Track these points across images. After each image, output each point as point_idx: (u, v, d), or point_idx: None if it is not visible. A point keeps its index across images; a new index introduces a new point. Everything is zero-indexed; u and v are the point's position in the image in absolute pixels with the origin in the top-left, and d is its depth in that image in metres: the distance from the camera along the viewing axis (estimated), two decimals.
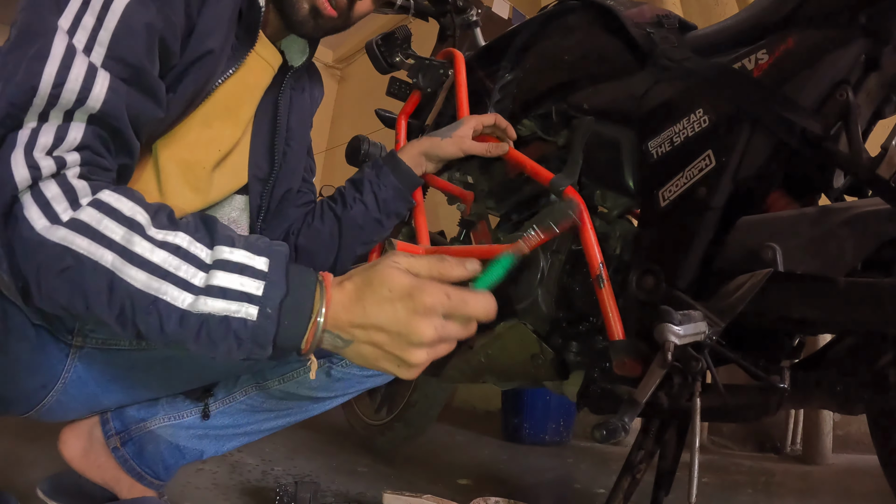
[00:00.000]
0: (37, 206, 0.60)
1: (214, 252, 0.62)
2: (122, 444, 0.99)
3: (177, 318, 0.60)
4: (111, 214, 0.61)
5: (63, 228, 0.59)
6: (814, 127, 0.87)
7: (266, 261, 0.63)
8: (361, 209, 1.09)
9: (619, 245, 1.13)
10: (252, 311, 0.60)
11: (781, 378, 0.88)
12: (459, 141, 1.14)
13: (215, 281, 0.60)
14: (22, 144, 0.61)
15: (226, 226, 0.67)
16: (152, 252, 0.60)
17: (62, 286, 0.60)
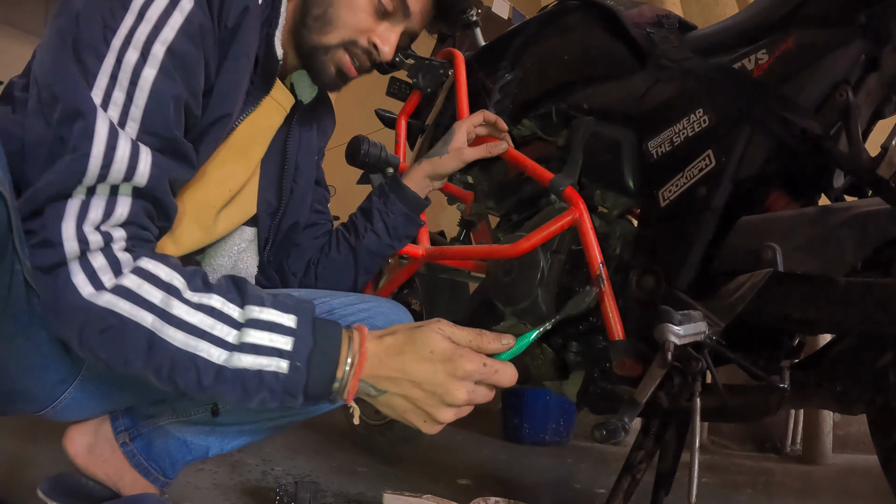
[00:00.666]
0: (84, 274, 0.65)
1: (245, 311, 0.68)
2: (131, 440, 1.00)
3: (213, 373, 0.66)
4: (150, 280, 0.67)
5: (108, 294, 0.65)
6: (814, 127, 0.87)
7: (294, 318, 0.68)
8: (374, 238, 1.13)
9: (619, 245, 1.13)
10: (283, 365, 0.67)
11: (781, 378, 0.88)
12: (458, 153, 1.15)
13: (248, 338, 0.66)
14: (73, 216, 0.66)
15: (255, 286, 0.72)
16: (189, 313, 0.66)
17: (104, 344, 0.66)
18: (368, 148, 1.21)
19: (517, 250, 1.12)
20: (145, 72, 0.70)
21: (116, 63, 0.68)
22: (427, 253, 1.28)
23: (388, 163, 1.24)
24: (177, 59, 0.72)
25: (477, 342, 0.69)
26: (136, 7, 0.70)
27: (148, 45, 0.70)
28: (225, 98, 0.82)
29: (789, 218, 0.89)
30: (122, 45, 0.69)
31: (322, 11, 0.93)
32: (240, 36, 0.81)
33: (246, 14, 0.80)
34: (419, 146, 1.54)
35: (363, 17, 0.94)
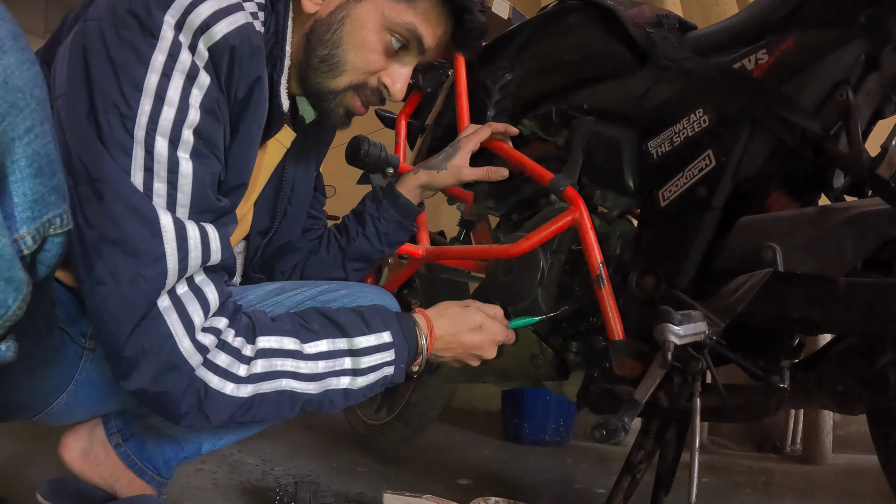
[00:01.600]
0: (217, 375, 0.72)
1: (352, 342, 0.81)
2: (124, 441, 1.00)
3: (342, 395, 0.81)
4: (275, 355, 0.76)
5: (247, 385, 0.74)
6: (814, 127, 0.87)
7: (389, 332, 0.84)
8: (364, 242, 1.14)
9: (619, 245, 1.13)
10: (390, 370, 0.85)
11: (781, 378, 0.88)
12: (457, 172, 1.14)
13: (363, 364, 0.81)
14: (182, 332, 0.69)
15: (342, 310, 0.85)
16: (313, 366, 0.78)
17: (253, 418, 0.76)
18: (368, 148, 1.21)
19: (517, 250, 1.12)
20: (181, 159, 0.69)
21: (147, 155, 0.67)
22: (427, 253, 1.28)
23: (388, 163, 1.24)
24: (204, 139, 0.71)
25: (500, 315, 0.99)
26: (152, 89, 0.67)
27: (177, 132, 0.68)
28: (241, 169, 0.81)
29: (789, 218, 0.89)
30: (147, 134, 0.67)
31: (328, 53, 0.87)
32: (251, 107, 0.78)
33: (258, 84, 0.77)
34: (419, 146, 1.54)
35: (374, 59, 0.88)
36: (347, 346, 0.81)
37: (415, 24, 0.87)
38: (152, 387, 0.69)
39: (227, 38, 0.71)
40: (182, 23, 0.69)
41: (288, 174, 1.02)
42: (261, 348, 0.75)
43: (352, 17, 0.86)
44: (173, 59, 0.68)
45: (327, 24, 0.86)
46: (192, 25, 0.69)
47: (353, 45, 0.87)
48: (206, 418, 0.72)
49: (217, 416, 0.73)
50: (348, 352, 0.81)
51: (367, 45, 0.87)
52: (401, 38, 0.88)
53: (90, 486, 1.01)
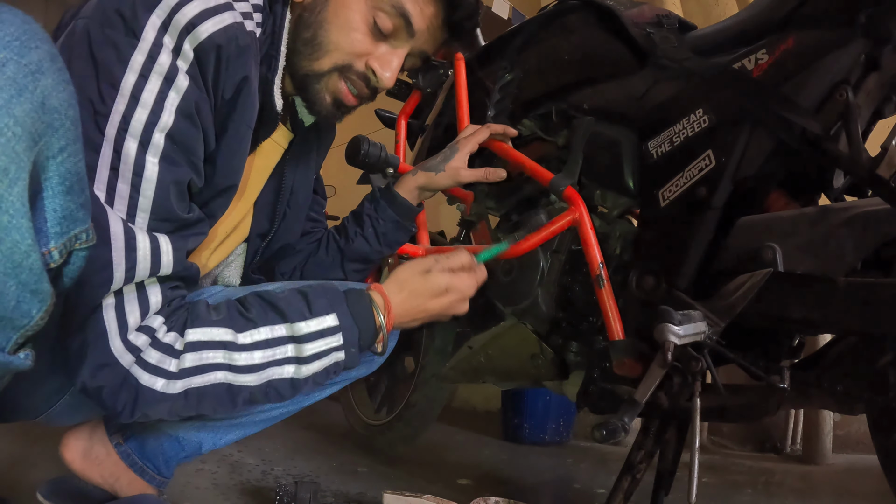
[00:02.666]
0: (148, 373, 0.70)
1: (293, 328, 0.76)
2: (124, 440, 1.00)
3: (288, 385, 0.77)
4: (205, 347, 0.73)
5: (179, 380, 0.71)
6: (813, 127, 0.87)
7: (335, 315, 0.78)
8: (363, 242, 1.13)
9: (619, 245, 1.13)
10: (340, 355, 0.79)
11: (781, 378, 0.88)
12: (455, 173, 1.14)
13: (307, 351, 0.77)
14: (115, 331, 0.68)
15: (280, 293, 0.79)
16: (250, 356, 0.74)
17: (191, 409, 0.73)
18: (368, 148, 1.21)
19: (517, 250, 1.12)
20: (148, 162, 0.68)
21: (115, 154, 0.66)
22: (427, 253, 1.28)
23: (388, 163, 1.24)
24: (177, 143, 0.70)
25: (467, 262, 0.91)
26: (128, 89, 0.67)
27: (147, 134, 0.68)
28: (229, 170, 0.81)
29: (789, 218, 0.89)
30: (118, 133, 0.67)
31: (312, 34, 0.85)
32: (238, 108, 0.77)
33: (245, 83, 0.76)
34: (419, 146, 1.54)
35: (358, 39, 0.85)
36: (288, 333, 0.76)
37: (401, 2, 0.85)
38: (90, 382, 0.69)
39: (212, 38, 0.70)
40: (168, 23, 0.68)
41: (287, 177, 1.02)
42: (189, 341, 0.72)
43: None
44: (152, 60, 0.68)
45: (312, 6, 0.85)
46: (177, 25, 0.69)
47: (336, 25, 0.85)
48: (143, 414, 0.71)
49: (153, 411, 0.71)
50: (290, 338, 0.76)
51: (351, 24, 0.85)
52: (388, 18, 0.85)
53: (91, 486, 1.01)
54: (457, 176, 1.14)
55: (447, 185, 1.16)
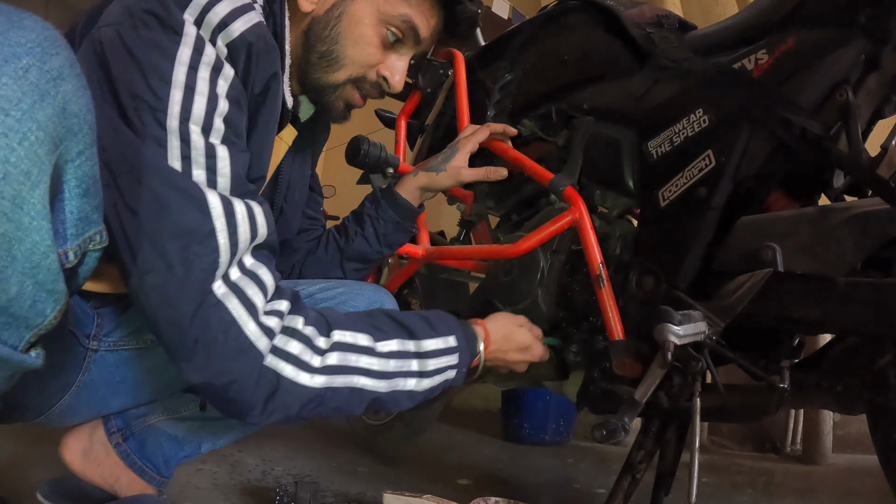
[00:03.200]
0: (289, 364, 0.71)
1: (420, 344, 0.83)
2: (124, 440, 1.00)
3: (407, 396, 0.82)
4: (349, 349, 0.76)
5: (321, 375, 0.73)
6: (813, 127, 0.87)
7: (454, 337, 0.87)
8: (363, 242, 1.14)
9: (619, 245, 1.13)
10: (452, 374, 0.87)
11: (781, 378, 0.88)
12: (456, 173, 1.15)
13: (429, 367, 0.83)
14: (245, 316, 0.68)
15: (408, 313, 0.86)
16: (384, 364, 0.79)
17: (319, 412, 0.75)
18: (368, 148, 1.21)
19: (517, 250, 1.12)
20: (216, 145, 0.69)
21: (183, 144, 0.67)
22: (427, 253, 1.28)
23: (388, 163, 1.24)
24: (232, 128, 0.72)
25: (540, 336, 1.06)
26: (180, 80, 0.68)
27: (209, 119, 0.69)
28: (259, 163, 0.82)
29: (789, 218, 0.89)
30: (181, 123, 0.67)
31: (327, 49, 0.89)
32: (268, 102, 0.80)
33: (274, 79, 0.79)
34: (419, 146, 1.54)
35: (372, 53, 0.90)
36: (415, 349, 0.82)
37: (410, 16, 0.89)
38: (218, 378, 0.67)
39: (244, 36, 0.73)
40: (201, 21, 0.71)
41: (284, 172, 1.03)
42: (336, 341, 0.75)
43: (348, 13, 0.88)
44: (199, 52, 0.70)
45: (325, 21, 0.88)
46: (210, 24, 0.71)
47: (351, 41, 0.89)
48: (273, 411, 0.71)
49: (287, 407, 0.71)
50: (416, 354, 0.82)
51: (365, 39, 0.89)
52: (397, 31, 0.90)
53: (90, 486, 1.00)
54: (458, 175, 1.14)
55: (448, 185, 1.16)
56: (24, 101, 0.45)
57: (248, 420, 0.71)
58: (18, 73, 0.44)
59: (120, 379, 0.90)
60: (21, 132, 0.44)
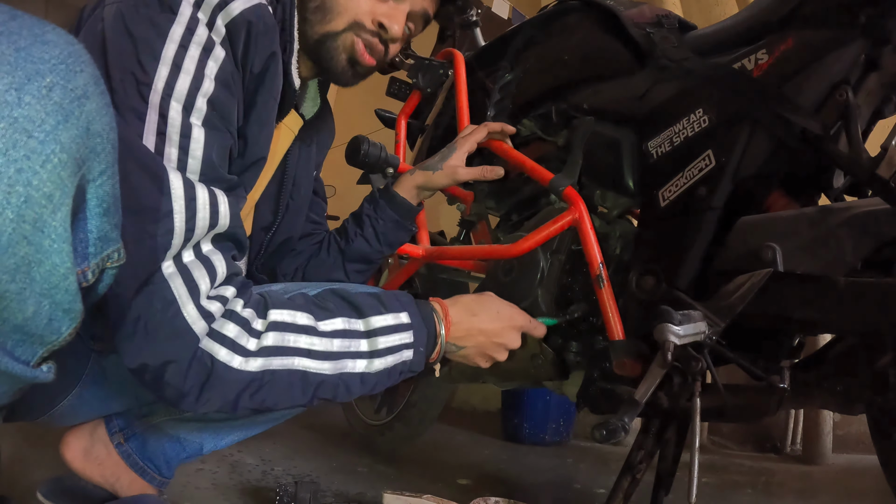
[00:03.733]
0: (224, 347, 0.68)
1: (368, 322, 0.78)
2: (125, 440, 1.00)
3: (358, 380, 0.78)
4: (287, 328, 0.73)
5: (257, 359, 0.70)
6: (813, 127, 0.87)
7: (407, 314, 0.82)
8: (363, 243, 1.14)
9: (619, 245, 1.13)
10: (409, 354, 0.81)
11: (781, 378, 0.88)
12: (452, 172, 1.14)
13: (380, 345, 0.78)
14: (186, 296, 0.66)
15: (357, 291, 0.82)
16: (328, 344, 0.75)
17: (259, 400, 0.71)
18: (368, 148, 1.21)
19: (517, 250, 1.12)
20: (193, 125, 0.69)
21: (161, 119, 0.67)
22: (427, 253, 1.28)
23: (388, 163, 1.24)
24: (217, 110, 0.72)
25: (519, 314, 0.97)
26: (169, 57, 0.68)
27: (191, 98, 0.69)
28: (258, 143, 0.82)
29: (789, 218, 0.89)
30: (163, 99, 0.67)
31: (320, 2, 0.90)
32: (267, 82, 0.80)
33: (273, 59, 0.80)
34: (419, 146, 1.54)
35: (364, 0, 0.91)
36: (364, 327, 0.78)
37: None
38: (154, 359, 0.65)
39: (243, 15, 0.74)
40: (200, 1, 0.72)
41: (289, 169, 1.03)
42: (272, 321, 0.72)
43: None
44: (191, 32, 0.70)
45: None
46: (210, 4, 0.72)
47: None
48: (209, 399, 0.68)
49: (224, 394, 0.69)
50: (364, 333, 0.78)
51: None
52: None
53: (91, 486, 1.01)
54: (455, 174, 1.14)
55: (445, 184, 1.16)
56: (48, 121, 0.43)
57: (182, 406, 0.69)
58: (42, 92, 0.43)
59: (122, 379, 0.90)
60: (44, 154, 0.43)
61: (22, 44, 0.43)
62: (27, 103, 0.42)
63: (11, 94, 0.42)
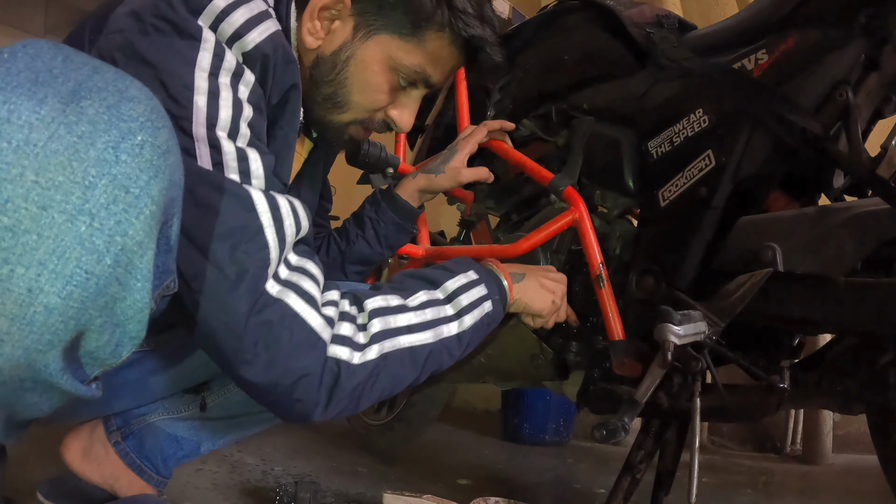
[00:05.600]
0: (346, 347, 0.70)
1: (444, 288, 0.82)
2: (123, 439, 1.00)
3: (456, 341, 0.81)
4: (386, 312, 0.75)
5: (372, 346, 0.72)
6: (814, 127, 0.87)
7: (473, 270, 0.86)
8: (364, 244, 1.14)
9: (619, 245, 1.13)
10: (489, 305, 0.85)
11: (781, 378, 0.88)
12: (454, 174, 1.15)
13: (463, 303, 0.82)
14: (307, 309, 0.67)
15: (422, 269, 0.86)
16: (423, 315, 0.78)
17: (379, 389, 0.73)
18: (368, 148, 1.21)
19: (517, 250, 1.12)
20: (246, 149, 0.68)
21: (213, 150, 0.65)
22: (427, 253, 1.28)
23: (388, 163, 1.24)
24: (255, 133, 0.70)
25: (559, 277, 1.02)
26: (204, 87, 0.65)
27: (235, 126, 0.67)
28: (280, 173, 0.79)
29: (789, 218, 0.89)
30: (208, 130, 0.65)
31: (333, 92, 0.85)
32: (287, 114, 0.77)
33: (294, 91, 0.77)
34: (419, 146, 1.54)
35: (380, 99, 0.86)
36: (443, 294, 0.82)
37: (423, 66, 0.84)
38: (286, 377, 0.66)
39: (259, 48, 0.70)
40: (215, 29, 0.68)
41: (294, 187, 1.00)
42: (372, 309, 0.74)
43: (357, 58, 0.83)
44: (219, 58, 0.68)
45: (331, 62, 0.84)
46: (224, 33, 0.69)
47: (359, 86, 0.85)
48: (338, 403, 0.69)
49: (349, 394, 0.70)
50: (445, 299, 0.81)
51: (373, 86, 0.85)
52: (407, 79, 0.85)
53: (91, 486, 1.01)
54: (456, 175, 1.15)
55: (448, 187, 1.16)
56: (141, 177, 0.47)
57: (312, 419, 0.69)
58: (135, 150, 0.47)
59: (122, 381, 0.90)
60: (138, 208, 0.47)
61: (111, 101, 0.47)
62: (123, 161, 0.46)
63: (109, 153, 0.46)
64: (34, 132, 0.43)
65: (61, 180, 0.44)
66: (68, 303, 0.45)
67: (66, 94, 0.45)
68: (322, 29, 0.82)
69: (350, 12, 0.82)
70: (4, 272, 0.43)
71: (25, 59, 0.46)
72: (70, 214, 0.44)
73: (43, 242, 0.44)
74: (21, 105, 0.44)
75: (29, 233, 0.43)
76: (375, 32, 0.82)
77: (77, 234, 0.45)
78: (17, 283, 0.44)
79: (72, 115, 0.45)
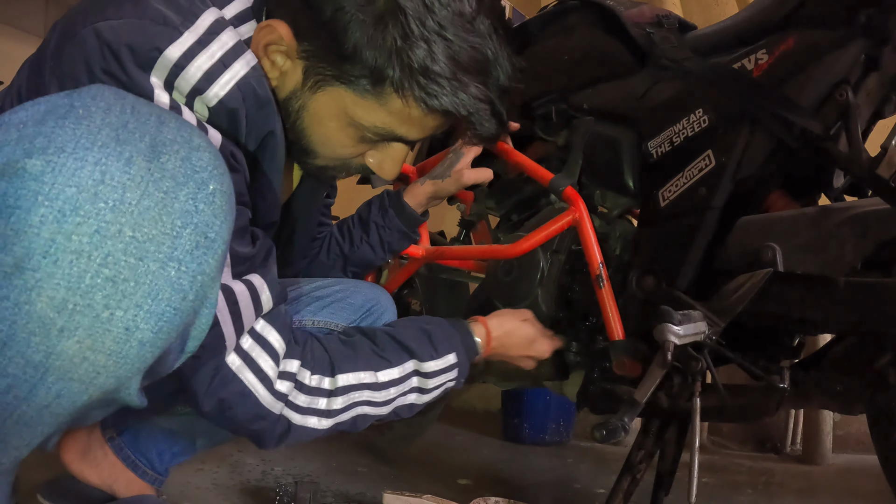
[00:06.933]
0: (300, 413, 0.78)
1: (421, 366, 0.87)
2: (118, 434, 1.00)
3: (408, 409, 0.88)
4: (353, 389, 0.81)
5: (328, 419, 0.81)
6: (813, 127, 0.87)
7: (454, 354, 0.90)
8: (368, 249, 1.15)
9: (619, 245, 1.13)
10: (452, 384, 0.91)
11: (781, 378, 0.88)
12: (459, 176, 1.15)
13: (430, 385, 0.88)
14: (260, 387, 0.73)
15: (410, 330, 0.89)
16: (387, 393, 0.85)
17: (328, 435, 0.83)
18: None
19: (517, 250, 1.12)
20: None
21: None
22: (427, 253, 1.28)
23: None
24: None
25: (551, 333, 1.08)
26: None
27: None
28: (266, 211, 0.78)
29: (789, 218, 0.89)
30: None
31: (295, 139, 0.77)
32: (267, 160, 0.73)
33: (271, 137, 0.72)
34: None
35: (347, 151, 0.78)
36: (416, 368, 0.87)
37: (389, 126, 0.73)
38: (239, 432, 0.78)
39: (224, 103, 0.66)
40: (171, 85, 0.63)
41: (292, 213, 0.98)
42: (340, 386, 0.80)
43: (309, 110, 0.74)
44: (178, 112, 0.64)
45: (287, 108, 0.75)
46: (181, 90, 0.64)
47: (318, 140, 0.77)
48: (288, 444, 0.80)
49: (299, 441, 0.81)
50: (416, 372, 0.87)
51: (333, 141, 0.77)
52: (375, 135, 0.75)
53: (89, 487, 1.00)
54: (461, 179, 1.15)
55: (454, 190, 1.17)
56: (216, 222, 0.52)
57: (261, 447, 0.80)
58: (209, 199, 0.52)
59: None
60: (214, 249, 0.52)
61: (183, 153, 0.51)
62: (202, 210, 0.51)
63: (190, 204, 0.50)
64: (128, 192, 0.47)
65: (154, 233, 0.49)
66: (158, 336, 0.51)
67: (147, 152, 0.49)
68: (274, 68, 0.73)
69: (297, 54, 0.72)
70: (105, 316, 0.48)
71: (100, 114, 0.49)
72: (162, 262, 0.49)
73: (140, 288, 0.49)
74: (111, 165, 0.47)
75: (128, 281, 0.48)
76: (326, 83, 0.72)
77: (168, 278, 0.50)
78: (116, 324, 0.48)
79: (156, 171, 0.49)
